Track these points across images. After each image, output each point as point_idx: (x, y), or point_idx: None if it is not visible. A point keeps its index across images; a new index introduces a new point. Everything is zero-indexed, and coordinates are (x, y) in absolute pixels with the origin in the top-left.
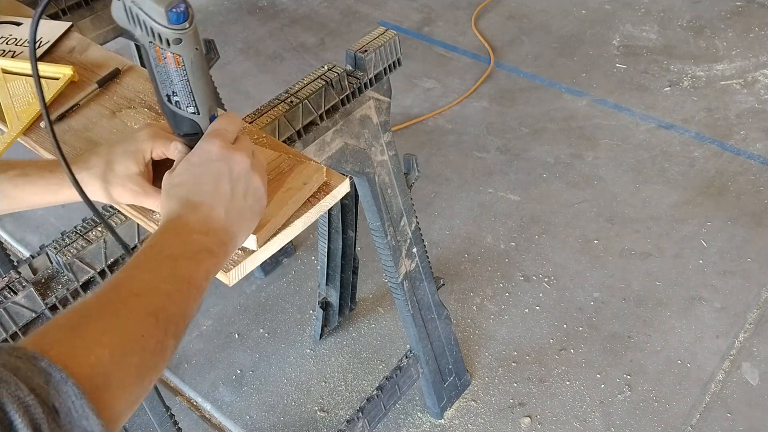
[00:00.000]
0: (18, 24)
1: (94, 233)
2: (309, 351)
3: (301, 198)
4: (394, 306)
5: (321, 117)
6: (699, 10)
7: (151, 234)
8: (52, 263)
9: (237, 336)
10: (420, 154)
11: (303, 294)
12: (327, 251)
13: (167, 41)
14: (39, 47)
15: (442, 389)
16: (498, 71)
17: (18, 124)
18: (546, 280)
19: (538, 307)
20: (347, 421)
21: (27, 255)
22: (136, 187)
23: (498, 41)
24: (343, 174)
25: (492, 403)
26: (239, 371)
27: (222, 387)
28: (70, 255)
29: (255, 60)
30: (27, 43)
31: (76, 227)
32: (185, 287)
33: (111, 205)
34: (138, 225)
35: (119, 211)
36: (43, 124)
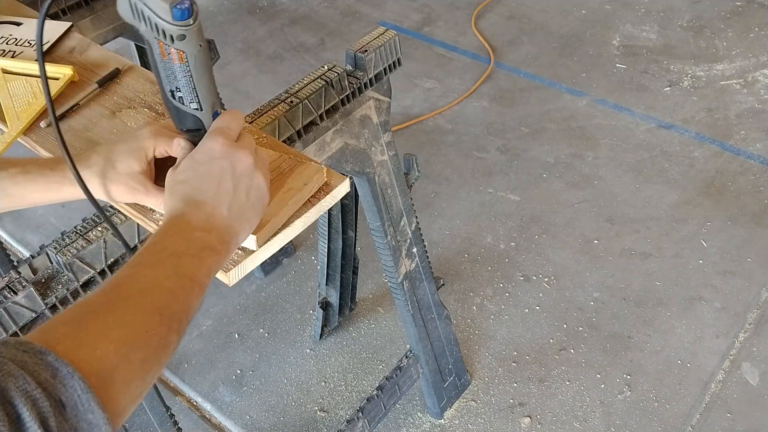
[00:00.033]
0: (18, 24)
1: (94, 233)
2: (309, 351)
3: (302, 198)
4: (394, 306)
5: (321, 117)
6: (699, 10)
7: (154, 231)
8: (52, 263)
9: (237, 336)
10: (420, 154)
11: (303, 294)
12: (327, 251)
13: (171, 37)
14: None
15: (442, 389)
16: (498, 71)
17: (18, 123)
18: (546, 280)
19: (538, 307)
20: (347, 421)
21: (27, 255)
22: (138, 186)
23: (498, 41)
24: (343, 174)
25: (492, 403)
26: (239, 371)
27: (222, 387)
28: (70, 255)
29: (255, 60)
30: (27, 43)
31: (76, 227)
32: (188, 284)
33: (111, 205)
34: (138, 225)
35: (119, 211)
36: (44, 124)
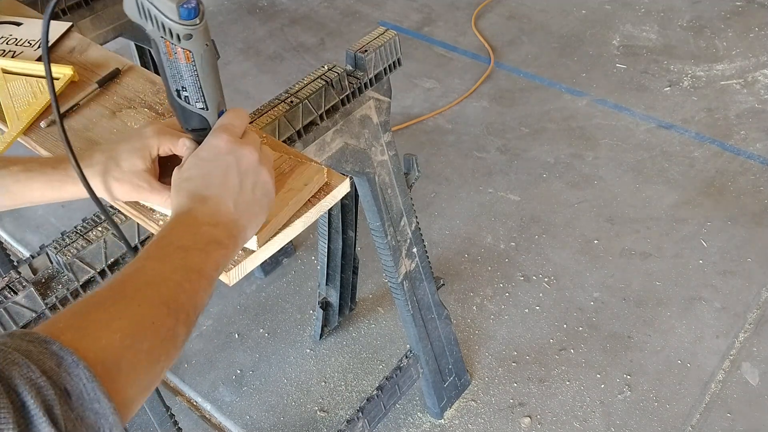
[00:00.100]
0: (18, 24)
1: (94, 233)
2: (309, 351)
3: (302, 199)
4: (394, 306)
5: (321, 117)
6: (699, 10)
7: (162, 227)
8: (52, 263)
9: (237, 336)
10: (420, 154)
11: (303, 294)
12: (327, 251)
13: (178, 37)
14: (39, 47)
15: (442, 389)
16: (498, 71)
17: (18, 123)
18: (546, 280)
19: (538, 307)
20: (347, 421)
21: (27, 255)
22: (143, 184)
23: (498, 41)
24: (343, 174)
25: (492, 403)
26: (239, 371)
27: (222, 387)
28: (70, 255)
29: (255, 60)
30: (27, 43)
31: (76, 227)
32: (195, 277)
33: (111, 205)
34: (138, 225)
35: (119, 211)
36: (44, 124)
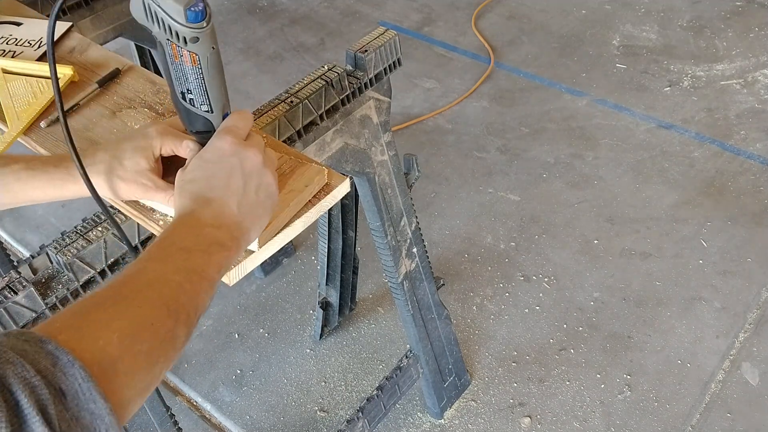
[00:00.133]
0: (18, 24)
1: (94, 233)
2: (309, 351)
3: (303, 200)
4: (394, 306)
5: (321, 117)
6: (699, 10)
7: (164, 228)
8: (52, 263)
9: (237, 336)
10: (420, 154)
11: (303, 294)
12: (327, 251)
13: (184, 39)
14: (39, 47)
15: (442, 389)
16: (498, 71)
17: (18, 123)
18: (546, 280)
19: (538, 307)
20: (347, 421)
21: (27, 255)
22: (147, 182)
23: (498, 41)
24: (343, 174)
25: (492, 403)
26: (239, 371)
27: (222, 387)
28: (70, 255)
29: (255, 60)
30: (27, 43)
31: (76, 227)
32: (197, 279)
33: (111, 205)
34: (138, 225)
35: (119, 211)
36: (44, 124)
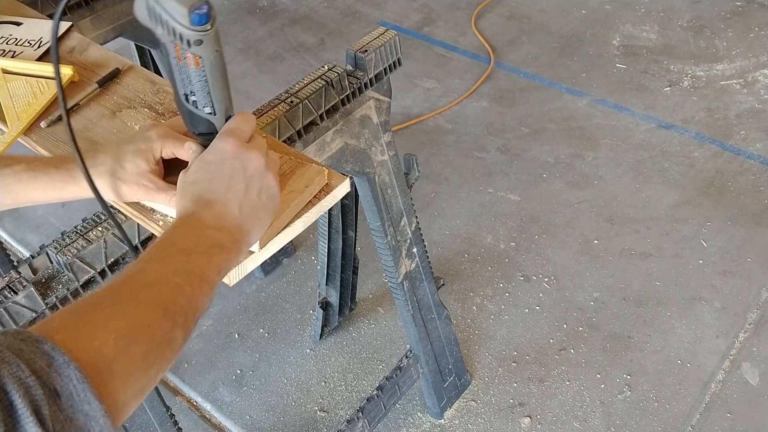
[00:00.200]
0: (18, 24)
1: (94, 233)
2: (309, 351)
3: (303, 201)
4: (394, 306)
5: (321, 117)
6: (699, 10)
7: (165, 230)
8: (52, 263)
9: (237, 336)
10: (420, 154)
11: (303, 294)
12: (327, 251)
13: (188, 42)
14: (39, 47)
15: (442, 389)
16: (498, 71)
17: (18, 124)
18: (546, 280)
19: (538, 307)
20: (347, 421)
21: (27, 255)
22: (149, 184)
23: (498, 41)
24: (343, 174)
25: (492, 403)
26: (239, 371)
27: (222, 387)
28: (70, 255)
29: (255, 60)
30: (27, 43)
31: (76, 227)
32: (196, 281)
33: (111, 205)
34: (138, 225)
35: (119, 211)
36: (44, 124)
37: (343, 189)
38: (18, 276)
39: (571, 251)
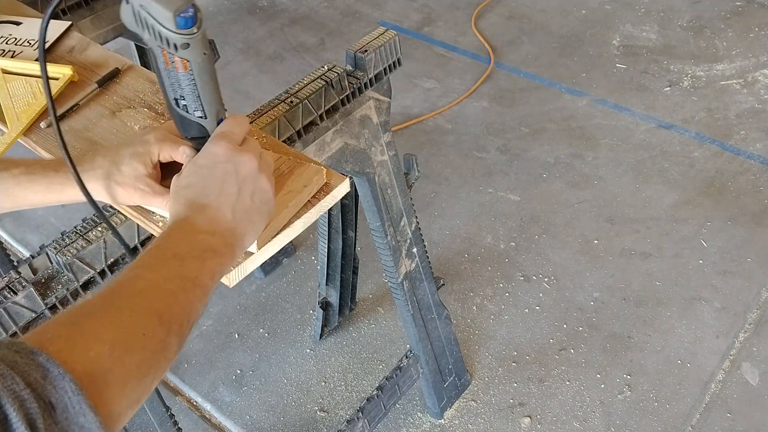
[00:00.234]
0: (18, 24)
1: (94, 233)
2: (309, 351)
3: (301, 201)
4: (394, 306)
5: (321, 117)
6: (699, 10)
7: (158, 235)
8: (52, 263)
9: (237, 336)
10: (420, 154)
11: (303, 294)
12: (327, 251)
13: (175, 46)
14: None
15: (442, 389)
16: (498, 71)
17: (18, 124)
18: (546, 280)
19: (538, 307)
20: (347, 421)
21: (27, 255)
22: (145, 188)
23: (498, 41)
24: (343, 174)
25: (492, 403)
26: (239, 371)
27: (222, 387)
28: (70, 255)
29: (255, 60)
30: (27, 43)
31: (76, 227)
32: (190, 286)
33: (110, 206)
34: (138, 225)
35: (119, 212)
36: (44, 124)
37: (343, 189)
38: (18, 276)
39: (571, 251)
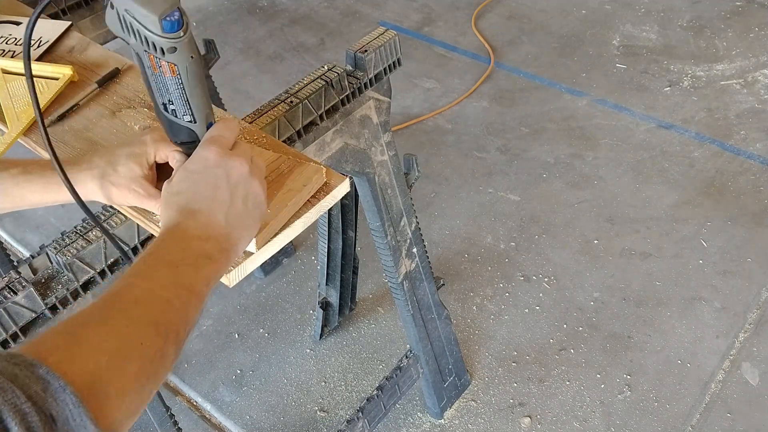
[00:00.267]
0: (18, 24)
1: (94, 233)
2: (309, 351)
3: (301, 200)
4: (394, 306)
5: (321, 117)
6: (699, 10)
7: (151, 242)
8: (52, 263)
9: (237, 336)
10: (420, 154)
11: (303, 294)
12: (327, 251)
13: (162, 50)
14: (39, 47)
15: (442, 389)
16: (498, 71)
17: (18, 124)
18: (546, 280)
19: (538, 307)
20: (347, 421)
21: (27, 255)
22: (140, 190)
23: (498, 41)
24: (343, 174)
25: (492, 403)
26: (239, 371)
27: (222, 387)
28: (70, 255)
29: (255, 60)
30: None
31: (76, 227)
32: (185, 294)
33: (110, 206)
34: (138, 225)
35: (118, 212)
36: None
37: (343, 189)
38: (18, 276)
39: (571, 251)
